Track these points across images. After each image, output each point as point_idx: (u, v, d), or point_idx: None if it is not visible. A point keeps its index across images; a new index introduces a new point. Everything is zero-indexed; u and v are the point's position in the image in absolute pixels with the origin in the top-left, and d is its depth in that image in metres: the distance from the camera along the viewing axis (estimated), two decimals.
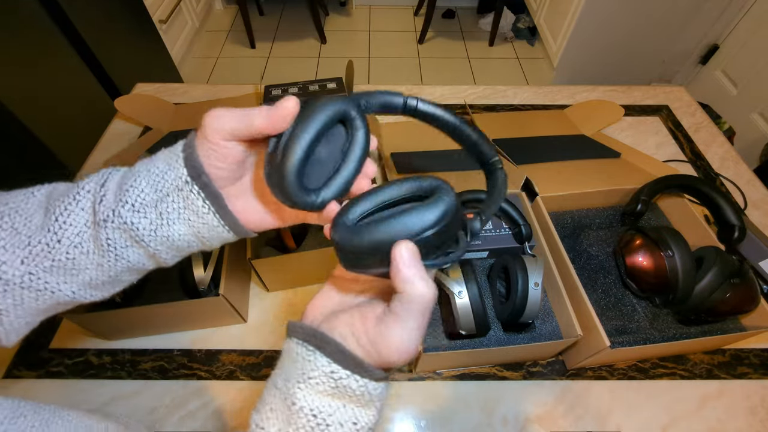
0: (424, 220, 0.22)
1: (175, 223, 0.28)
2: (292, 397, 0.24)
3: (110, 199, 0.28)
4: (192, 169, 0.27)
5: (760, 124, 1.70)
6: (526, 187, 0.65)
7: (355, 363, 0.24)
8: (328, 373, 0.24)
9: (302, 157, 0.24)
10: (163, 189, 0.28)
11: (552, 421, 0.53)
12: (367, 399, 0.24)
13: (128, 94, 0.91)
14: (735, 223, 0.55)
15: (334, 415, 0.24)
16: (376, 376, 0.24)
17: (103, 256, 0.28)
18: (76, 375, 0.56)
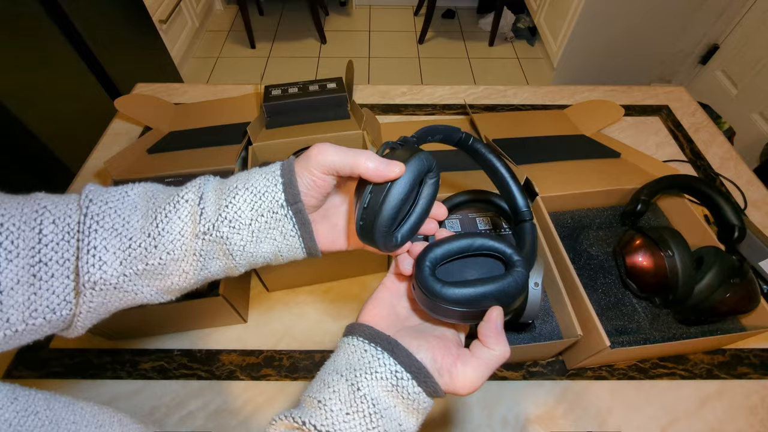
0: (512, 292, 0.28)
1: (263, 241, 0.30)
2: (357, 384, 0.26)
3: (210, 213, 0.29)
4: (290, 195, 0.29)
5: (760, 124, 1.70)
6: (526, 187, 0.65)
7: (419, 370, 0.27)
8: (393, 372, 0.27)
9: (393, 216, 0.28)
10: (259, 209, 0.29)
11: (552, 421, 0.53)
12: (415, 406, 0.27)
13: (128, 94, 0.91)
14: (735, 223, 0.55)
15: (388, 410, 0.26)
16: (430, 389, 0.27)
17: (192, 264, 0.29)
18: (76, 375, 0.56)
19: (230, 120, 0.81)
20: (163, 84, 0.97)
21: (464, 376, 0.28)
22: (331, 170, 0.29)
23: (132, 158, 0.70)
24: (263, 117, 0.77)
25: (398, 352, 0.27)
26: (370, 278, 0.66)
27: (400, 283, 0.34)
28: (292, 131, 0.74)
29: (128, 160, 0.69)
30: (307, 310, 0.63)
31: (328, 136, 0.72)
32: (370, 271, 0.66)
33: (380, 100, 0.95)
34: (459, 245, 0.29)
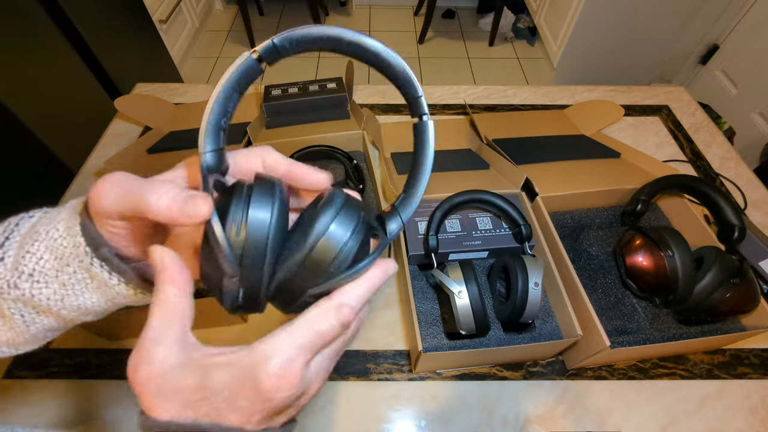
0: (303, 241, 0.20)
1: (84, 292, 0.25)
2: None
3: (8, 265, 0.24)
4: (90, 239, 0.23)
5: (760, 124, 1.70)
6: (526, 187, 0.65)
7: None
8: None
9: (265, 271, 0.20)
10: (62, 257, 0.23)
11: (552, 421, 0.53)
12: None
13: (128, 94, 0.91)
14: (735, 223, 0.55)
15: None
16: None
17: (11, 321, 0.25)
18: (76, 375, 0.56)
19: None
20: (163, 84, 0.97)
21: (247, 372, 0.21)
22: (117, 216, 0.22)
23: (132, 158, 0.70)
24: (263, 117, 0.77)
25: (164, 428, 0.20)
26: None
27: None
28: (292, 131, 0.74)
29: (128, 160, 0.69)
30: None
31: (328, 136, 0.72)
32: None
33: (380, 100, 0.95)
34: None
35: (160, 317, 0.20)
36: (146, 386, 0.20)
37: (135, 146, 0.72)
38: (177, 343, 0.20)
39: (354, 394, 0.55)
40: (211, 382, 0.20)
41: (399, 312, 0.63)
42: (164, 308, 0.21)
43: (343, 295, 0.21)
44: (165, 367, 0.20)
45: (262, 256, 0.20)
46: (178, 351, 0.20)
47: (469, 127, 0.86)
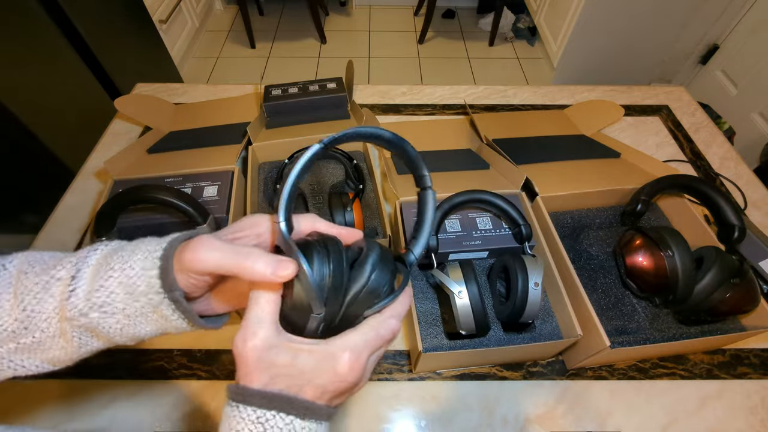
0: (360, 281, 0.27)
1: (143, 324, 0.29)
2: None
3: (80, 296, 0.27)
4: (166, 283, 0.27)
5: (760, 124, 1.70)
6: (526, 187, 0.65)
7: (282, 401, 0.25)
8: (254, 420, 0.24)
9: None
10: (134, 293, 0.27)
11: (552, 421, 0.53)
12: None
13: (128, 94, 0.91)
14: (735, 223, 0.55)
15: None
16: (301, 412, 0.25)
17: (69, 342, 0.28)
18: (76, 375, 0.56)
19: (230, 120, 0.81)
20: (163, 84, 0.97)
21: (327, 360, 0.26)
22: (214, 269, 0.27)
23: (132, 158, 0.70)
24: (263, 117, 0.77)
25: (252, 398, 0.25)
26: None
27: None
28: (292, 131, 0.74)
29: (128, 160, 0.69)
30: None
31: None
32: None
33: (380, 100, 0.95)
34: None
35: (263, 305, 0.26)
36: (250, 356, 0.25)
37: (135, 146, 0.72)
38: (274, 327, 0.26)
39: (354, 394, 0.55)
40: (298, 362, 0.25)
41: None
42: (266, 299, 0.26)
43: (393, 312, 0.28)
44: (266, 344, 0.25)
45: (342, 296, 0.27)
46: (275, 333, 0.26)
47: (469, 127, 0.86)
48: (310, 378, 0.26)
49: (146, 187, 0.54)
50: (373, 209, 0.68)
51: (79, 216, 0.73)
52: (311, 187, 0.70)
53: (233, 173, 0.66)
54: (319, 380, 0.26)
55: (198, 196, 0.62)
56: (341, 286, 0.26)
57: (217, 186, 0.64)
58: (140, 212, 0.61)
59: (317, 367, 0.26)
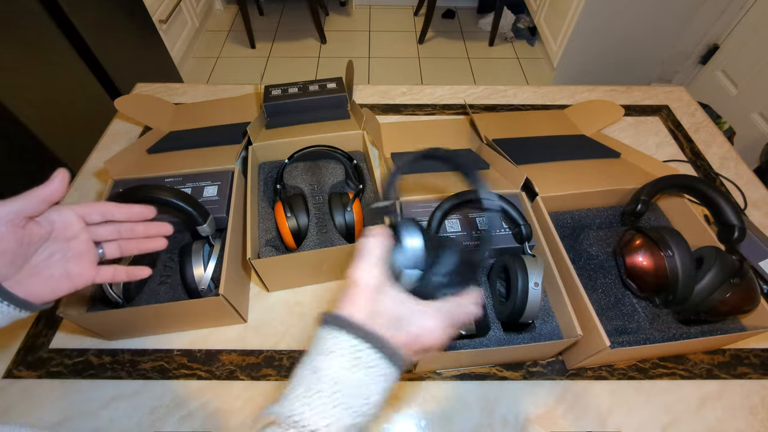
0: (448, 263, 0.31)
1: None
2: (314, 367, 0.27)
3: None
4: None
5: (760, 124, 1.70)
6: (526, 187, 0.65)
7: (375, 339, 0.27)
8: (351, 346, 0.27)
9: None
10: None
11: (552, 421, 0.53)
12: (379, 372, 0.27)
13: (128, 94, 0.91)
14: (735, 223, 0.55)
15: (351, 388, 0.26)
16: (388, 353, 0.28)
17: None
18: (76, 375, 0.56)
19: (230, 120, 0.81)
20: (163, 84, 0.97)
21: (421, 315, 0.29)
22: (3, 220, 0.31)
23: (132, 158, 0.70)
24: (263, 117, 0.77)
25: (351, 327, 0.28)
26: None
27: None
28: (292, 131, 0.74)
29: (128, 160, 0.69)
30: (307, 310, 0.63)
31: (328, 136, 0.72)
32: None
33: (380, 100, 0.95)
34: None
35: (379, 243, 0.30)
36: (365, 288, 0.29)
37: (135, 146, 0.72)
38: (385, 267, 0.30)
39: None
40: (401, 309, 0.29)
41: None
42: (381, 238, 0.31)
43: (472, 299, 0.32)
44: (380, 281, 0.29)
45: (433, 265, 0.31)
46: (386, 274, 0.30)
47: (469, 127, 0.86)
48: (404, 324, 0.29)
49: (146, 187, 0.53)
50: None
51: None
52: (311, 187, 0.70)
53: (233, 173, 0.66)
54: (412, 329, 0.29)
55: (198, 196, 0.62)
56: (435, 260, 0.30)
57: (217, 186, 0.64)
58: None
59: (413, 318, 0.29)
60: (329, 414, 0.25)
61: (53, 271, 0.36)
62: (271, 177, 0.71)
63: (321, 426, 0.25)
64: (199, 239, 0.59)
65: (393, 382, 0.29)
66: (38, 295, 0.35)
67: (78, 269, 0.38)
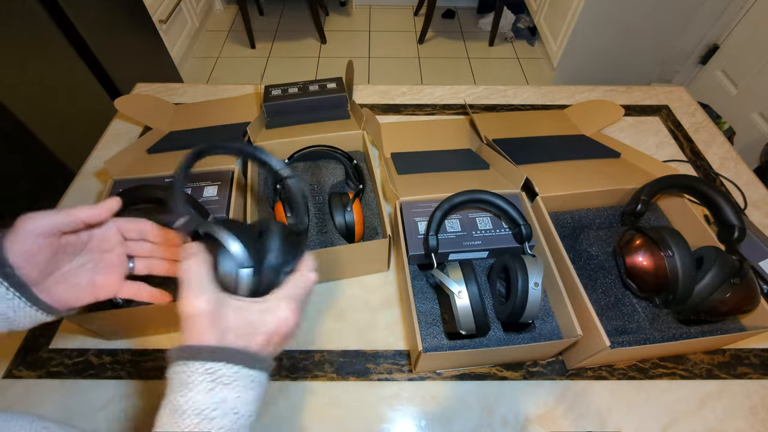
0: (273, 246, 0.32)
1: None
2: (175, 406, 0.26)
3: None
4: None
5: (760, 124, 1.70)
6: (526, 187, 0.65)
7: (227, 354, 0.27)
8: (203, 371, 0.26)
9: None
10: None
11: (552, 421, 0.53)
12: (242, 385, 0.27)
13: (128, 94, 0.91)
14: (735, 223, 0.55)
15: (218, 410, 0.26)
16: (249, 361, 0.28)
17: None
18: (76, 375, 0.56)
19: (230, 120, 0.81)
20: (163, 84, 0.97)
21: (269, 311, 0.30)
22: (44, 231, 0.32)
23: (132, 158, 0.70)
24: (263, 117, 0.77)
25: (200, 352, 0.27)
26: (370, 278, 0.66)
27: None
28: (292, 131, 0.74)
29: (128, 160, 0.69)
30: (307, 310, 0.63)
31: (328, 136, 0.72)
32: (371, 271, 0.66)
33: (380, 100, 0.95)
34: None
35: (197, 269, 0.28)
36: (202, 316, 0.27)
37: (135, 146, 0.72)
38: (214, 286, 0.29)
39: (354, 394, 0.55)
40: (247, 315, 0.29)
41: (399, 312, 0.63)
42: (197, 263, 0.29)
43: (307, 267, 0.33)
44: (215, 302, 0.28)
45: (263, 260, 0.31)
46: (218, 292, 0.29)
47: (469, 127, 0.86)
48: (258, 327, 0.29)
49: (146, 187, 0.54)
50: (373, 209, 0.68)
51: None
52: (311, 187, 0.70)
53: (233, 173, 0.66)
54: (265, 328, 0.29)
55: (198, 196, 0.62)
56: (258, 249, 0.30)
57: (217, 186, 0.64)
58: (140, 212, 0.61)
59: (263, 317, 0.29)
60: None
61: (80, 279, 0.37)
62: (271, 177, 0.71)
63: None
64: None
65: (263, 384, 0.29)
66: (63, 302, 0.35)
67: (104, 280, 0.38)
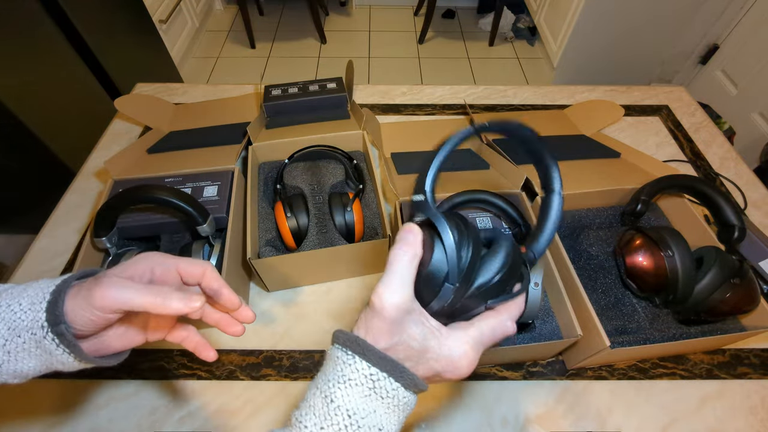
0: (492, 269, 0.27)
1: (25, 359, 0.29)
2: (331, 395, 0.25)
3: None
4: (52, 316, 0.28)
5: (760, 124, 1.70)
6: (526, 187, 0.65)
7: (393, 366, 0.26)
8: (368, 375, 0.25)
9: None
10: (16, 328, 0.28)
11: (552, 421, 0.53)
12: (395, 403, 0.26)
13: (128, 94, 0.91)
14: (735, 223, 0.55)
15: (367, 418, 0.25)
16: (408, 382, 0.26)
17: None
18: (76, 375, 0.56)
19: (230, 120, 0.81)
20: (163, 84, 0.97)
21: (449, 349, 0.27)
22: (119, 310, 0.29)
23: (132, 158, 0.70)
24: (263, 117, 0.77)
25: (369, 352, 0.26)
26: (370, 278, 0.66)
27: None
28: (292, 131, 0.74)
29: (128, 160, 0.69)
30: (307, 310, 0.63)
31: (328, 136, 0.72)
32: (370, 271, 0.66)
33: (380, 100, 0.95)
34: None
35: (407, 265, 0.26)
36: (390, 314, 0.25)
37: (135, 146, 0.72)
38: (412, 290, 0.26)
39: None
40: (426, 340, 0.27)
41: None
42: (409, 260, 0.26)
43: (510, 314, 0.29)
44: (407, 307, 0.26)
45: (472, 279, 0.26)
46: (413, 298, 0.27)
47: None
48: (429, 359, 0.27)
49: (146, 187, 0.53)
50: (373, 209, 0.68)
51: (79, 216, 0.73)
52: (311, 187, 0.70)
53: (233, 173, 0.66)
54: (436, 365, 0.27)
55: (198, 196, 0.62)
56: (475, 267, 0.26)
57: (217, 186, 0.64)
58: (140, 212, 0.61)
59: (440, 352, 0.27)
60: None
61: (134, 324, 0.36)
62: (271, 177, 0.71)
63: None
64: (199, 239, 0.59)
65: (410, 410, 0.27)
66: (113, 348, 0.35)
67: (157, 324, 0.37)
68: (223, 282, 0.35)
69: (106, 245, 0.56)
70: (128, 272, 0.32)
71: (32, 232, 0.71)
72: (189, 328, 0.38)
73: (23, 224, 1.34)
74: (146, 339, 0.37)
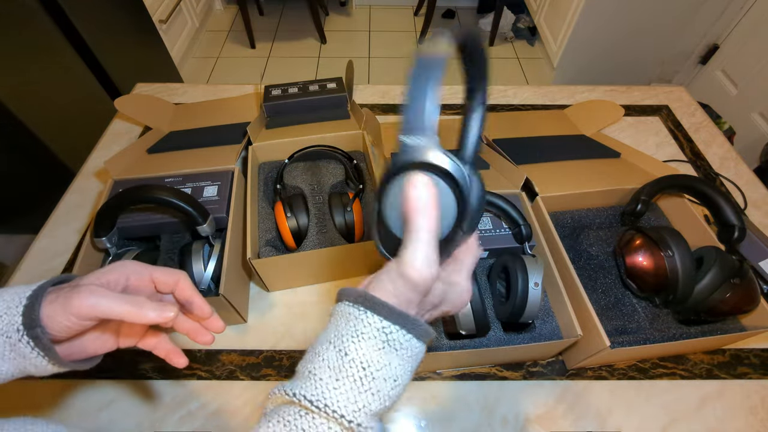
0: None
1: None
2: (345, 349, 0.26)
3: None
4: (28, 319, 0.29)
5: (760, 124, 1.70)
6: (526, 187, 0.65)
7: (405, 318, 0.26)
8: (380, 328, 0.26)
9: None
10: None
11: (552, 421, 0.53)
12: (409, 354, 0.27)
13: (128, 94, 0.91)
14: (735, 223, 0.55)
15: (382, 370, 0.26)
16: (420, 332, 0.27)
17: None
18: (76, 375, 0.56)
19: (230, 120, 0.81)
20: (163, 84, 0.97)
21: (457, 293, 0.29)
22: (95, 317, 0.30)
23: (132, 158, 0.70)
24: (263, 117, 0.77)
25: (379, 307, 0.26)
26: None
27: None
28: (292, 131, 0.74)
29: (128, 160, 0.69)
30: (307, 310, 0.63)
31: (328, 136, 0.72)
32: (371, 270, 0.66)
33: (380, 100, 0.95)
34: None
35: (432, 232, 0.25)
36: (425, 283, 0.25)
37: (135, 146, 0.72)
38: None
39: None
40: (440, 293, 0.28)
41: None
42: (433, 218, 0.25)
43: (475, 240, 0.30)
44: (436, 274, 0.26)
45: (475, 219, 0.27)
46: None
47: None
48: (438, 304, 0.29)
49: (146, 187, 0.53)
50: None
51: (79, 216, 0.73)
52: (311, 187, 0.70)
53: (233, 173, 0.66)
54: (444, 306, 0.29)
55: (198, 196, 0.62)
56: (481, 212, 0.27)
57: (217, 186, 0.64)
58: (140, 212, 0.61)
59: (448, 296, 0.29)
60: (359, 399, 0.25)
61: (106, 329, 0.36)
62: (271, 177, 0.71)
63: (350, 411, 0.24)
64: (199, 239, 0.59)
65: (421, 358, 0.28)
66: (86, 353, 0.36)
67: (129, 331, 0.37)
68: (195, 291, 0.36)
69: (106, 245, 0.56)
70: (103, 279, 0.33)
71: (32, 232, 0.71)
72: (160, 336, 0.38)
73: (23, 224, 1.34)
74: (118, 345, 0.37)
